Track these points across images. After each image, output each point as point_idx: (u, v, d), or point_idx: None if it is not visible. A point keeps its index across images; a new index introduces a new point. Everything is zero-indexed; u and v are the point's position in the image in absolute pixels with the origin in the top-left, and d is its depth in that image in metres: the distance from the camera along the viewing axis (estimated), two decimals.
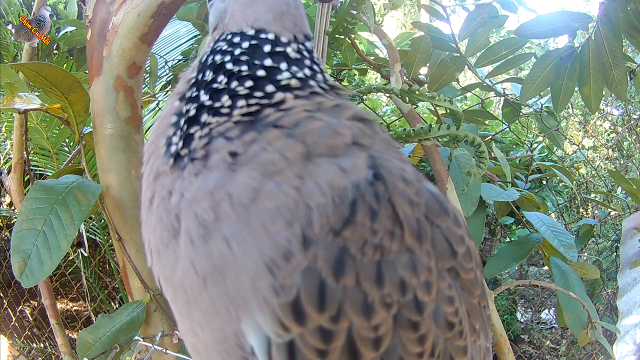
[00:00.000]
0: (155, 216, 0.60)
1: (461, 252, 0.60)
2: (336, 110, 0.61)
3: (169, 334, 1.29)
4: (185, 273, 0.56)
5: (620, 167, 3.91)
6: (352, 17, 1.44)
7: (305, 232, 0.51)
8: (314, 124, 0.57)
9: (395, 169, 0.57)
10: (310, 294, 0.50)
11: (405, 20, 8.36)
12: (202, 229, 0.54)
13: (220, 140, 0.57)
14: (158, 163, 0.62)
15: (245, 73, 0.61)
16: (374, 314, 0.51)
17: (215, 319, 0.55)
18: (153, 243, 0.61)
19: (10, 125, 2.73)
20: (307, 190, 0.52)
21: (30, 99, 1.31)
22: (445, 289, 0.58)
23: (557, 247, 1.65)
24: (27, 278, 1.07)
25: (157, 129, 0.66)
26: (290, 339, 0.51)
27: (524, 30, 1.82)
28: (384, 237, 0.52)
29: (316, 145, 0.55)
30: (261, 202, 0.52)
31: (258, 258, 0.51)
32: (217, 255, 0.53)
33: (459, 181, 1.50)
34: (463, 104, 3.55)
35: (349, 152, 0.56)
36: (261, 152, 0.55)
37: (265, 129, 0.57)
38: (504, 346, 1.55)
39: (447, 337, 0.58)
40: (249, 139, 0.56)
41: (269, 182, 0.53)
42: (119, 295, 3.19)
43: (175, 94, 0.67)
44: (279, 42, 0.64)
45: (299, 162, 0.54)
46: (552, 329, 3.99)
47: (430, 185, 0.61)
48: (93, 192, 1.20)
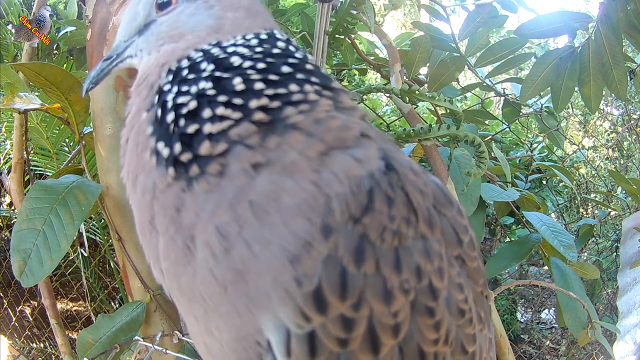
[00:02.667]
0: (164, 238, 0.57)
1: (466, 240, 0.62)
2: (351, 111, 0.62)
3: (169, 334, 1.29)
4: (204, 283, 0.55)
5: (620, 167, 3.90)
6: (352, 17, 1.44)
7: (326, 221, 0.51)
8: (334, 122, 0.57)
9: (404, 161, 0.59)
10: (332, 282, 0.50)
11: (405, 20, 8.36)
12: (224, 242, 0.53)
13: (241, 149, 0.55)
14: (152, 178, 0.58)
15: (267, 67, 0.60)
16: (393, 300, 0.52)
17: (235, 319, 0.54)
18: (165, 265, 0.59)
19: (10, 125, 2.73)
20: (325, 180, 0.53)
21: (30, 99, 1.31)
22: (455, 276, 0.59)
23: (557, 247, 1.65)
24: (27, 278, 1.07)
25: (129, 144, 0.63)
26: (311, 330, 0.51)
27: (524, 30, 1.82)
28: (401, 224, 0.53)
29: (332, 140, 0.56)
30: (282, 201, 0.52)
31: (280, 254, 0.51)
32: (239, 260, 0.52)
33: (459, 181, 1.49)
34: (463, 104, 3.55)
35: (359, 143, 0.57)
36: (284, 155, 0.54)
37: (287, 131, 0.56)
38: (504, 346, 1.55)
39: (458, 324, 0.58)
40: (273, 145, 0.55)
41: (288, 180, 0.53)
42: (119, 295, 3.18)
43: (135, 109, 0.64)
44: (291, 44, 0.65)
45: (317, 158, 0.54)
46: (552, 329, 3.99)
47: (434, 177, 0.63)
48: (93, 192, 1.20)
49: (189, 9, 0.67)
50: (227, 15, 0.67)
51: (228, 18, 0.66)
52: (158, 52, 0.67)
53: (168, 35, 0.67)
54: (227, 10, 0.67)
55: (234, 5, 0.68)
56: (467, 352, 0.60)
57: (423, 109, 3.41)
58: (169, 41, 0.66)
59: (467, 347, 0.60)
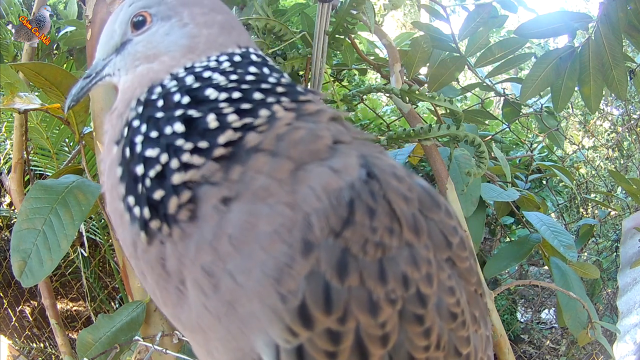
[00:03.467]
0: (158, 290, 0.60)
1: (455, 242, 0.61)
2: (317, 116, 0.60)
3: (169, 334, 1.29)
4: (200, 317, 0.57)
5: (620, 167, 3.91)
6: (352, 17, 1.44)
7: (306, 238, 0.51)
8: (296, 135, 0.56)
9: (386, 167, 0.58)
10: (316, 297, 0.50)
11: (405, 20, 8.36)
12: (211, 279, 0.54)
13: (206, 189, 0.54)
14: (131, 235, 0.59)
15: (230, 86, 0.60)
16: (380, 312, 0.52)
17: (231, 342, 0.56)
18: (165, 310, 0.63)
19: (10, 125, 2.73)
20: (302, 198, 0.52)
21: (30, 99, 1.31)
22: (445, 280, 0.58)
23: (557, 247, 1.65)
24: (27, 278, 1.07)
25: (107, 181, 0.62)
26: (298, 344, 0.51)
27: (524, 30, 1.83)
28: (384, 234, 0.53)
29: (302, 155, 0.55)
30: (259, 229, 0.52)
31: (263, 280, 0.51)
32: (228, 293, 0.53)
33: (459, 181, 1.50)
34: (463, 104, 3.54)
35: (335, 152, 0.56)
36: (251, 182, 0.53)
37: (249, 156, 0.55)
38: (504, 346, 1.54)
39: (450, 328, 0.58)
40: (236, 176, 0.54)
41: (263, 207, 0.53)
42: (119, 295, 3.19)
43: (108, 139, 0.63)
44: (266, 65, 0.65)
45: (289, 177, 0.53)
46: (552, 329, 3.99)
47: (419, 180, 0.62)
48: (93, 192, 1.20)
49: (162, 28, 0.66)
50: (202, 32, 0.66)
51: (202, 35, 0.66)
52: (134, 73, 0.66)
53: (144, 55, 0.66)
54: (201, 27, 0.66)
55: (208, 22, 0.67)
56: (461, 354, 0.60)
57: (423, 109, 3.41)
58: (144, 62, 0.66)
59: (461, 350, 0.60)
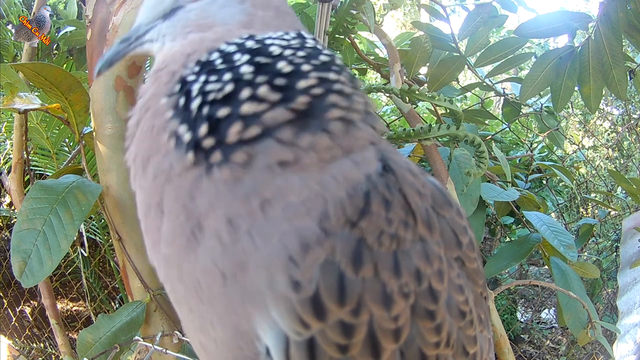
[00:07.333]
0: (172, 223, 0.55)
1: (465, 242, 0.61)
2: (366, 114, 0.60)
3: (169, 334, 1.29)
4: (204, 272, 0.54)
5: (620, 167, 3.90)
6: (352, 17, 1.44)
7: (323, 225, 0.51)
8: (360, 134, 0.56)
9: (401, 162, 0.58)
10: (330, 287, 0.49)
11: (405, 20, 8.35)
12: (234, 234, 0.52)
13: (271, 144, 0.53)
14: (169, 160, 0.55)
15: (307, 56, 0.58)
16: (393, 305, 0.51)
17: (231, 315, 0.54)
18: (166, 251, 0.57)
19: (10, 125, 2.73)
20: (324, 183, 0.52)
21: (30, 99, 1.31)
22: (455, 278, 0.58)
23: (557, 247, 1.65)
24: (27, 278, 1.07)
25: (141, 127, 0.60)
26: (310, 337, 0.50)
27: (524, 29, 1.83)
28: (399, 227, 0.53)
29: (348, 146, 0.55)
30: (288, 198, 0.52)
31: (280, 250, 0.50)
32: (242, 252, 0.52)
33: (459, 181, 1.50)
34: (463, 104, 3.55)
35: (362, 147, 0.57)
36: (304, 157, 0.53)
37: (317, 131, 0.54)
38: (504, 346, 1.55)
39: (459, 326, 0.58)
40: (305, 144, 0.53)
41: (296, 178, 0.52)
42: (119, 295, 3.18)
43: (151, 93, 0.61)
44: (319, 44, 0.64)
45: (327, 161, 0.53)
46: (552, 328, 3.99)
47: (432, 178, 0.62)
48: (93, 192, 1.20)
49: (220, 0, 0.65)
50: (258, 13, 0.65)
51: (258, 16, 0.65)
52: (184, 40, 0.64)
53: (196, 24, 0.64)
54: (258, 8, 0.65)
55: (264, 4, 0.66)
56: (468, 353, 0.60)
57: (423, 109, 3.41)
58: (196, 30, 0.64)
59: (469, 349, 0.60)
